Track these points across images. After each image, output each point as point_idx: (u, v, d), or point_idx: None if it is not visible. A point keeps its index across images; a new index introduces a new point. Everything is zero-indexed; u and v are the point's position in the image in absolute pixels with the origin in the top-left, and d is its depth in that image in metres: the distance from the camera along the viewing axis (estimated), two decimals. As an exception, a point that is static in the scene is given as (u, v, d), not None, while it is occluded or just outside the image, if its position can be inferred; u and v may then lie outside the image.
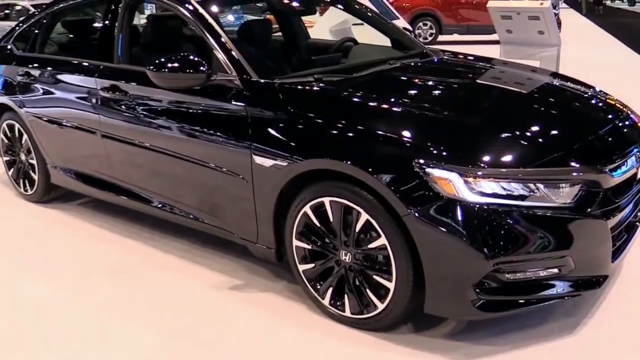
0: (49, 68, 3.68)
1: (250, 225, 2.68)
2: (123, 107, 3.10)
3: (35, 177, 3.96)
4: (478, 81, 3.05)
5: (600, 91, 3.04)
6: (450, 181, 2.07)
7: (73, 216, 3.89)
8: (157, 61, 2.63)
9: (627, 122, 2.66)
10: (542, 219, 2.11)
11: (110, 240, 3.48)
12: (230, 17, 6.28)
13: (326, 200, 2.35)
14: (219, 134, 2.66)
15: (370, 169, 2.17)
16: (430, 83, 2.98)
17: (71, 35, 4.34)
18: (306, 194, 2.41)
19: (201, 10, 2.90)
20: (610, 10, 28.38)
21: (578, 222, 2.15)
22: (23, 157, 4.02)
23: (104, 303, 2.77)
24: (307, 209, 2.42)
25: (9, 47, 4.09)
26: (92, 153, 3.44)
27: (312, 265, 2.50)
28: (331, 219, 2.37)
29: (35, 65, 3.78)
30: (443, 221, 2.07)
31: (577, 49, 11.57)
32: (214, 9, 2.98)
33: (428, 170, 2.09)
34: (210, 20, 2.86)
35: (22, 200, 4.17)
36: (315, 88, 2.62)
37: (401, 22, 8.75)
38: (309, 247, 2.48)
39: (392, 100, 2.52)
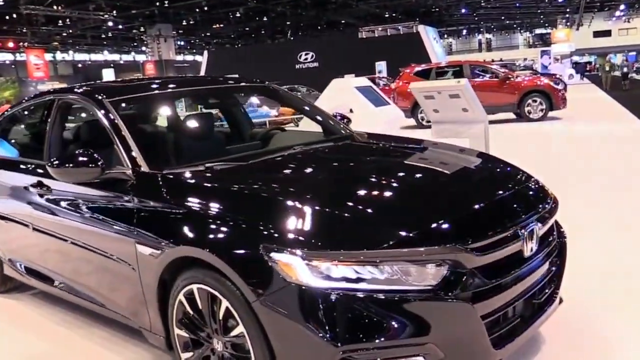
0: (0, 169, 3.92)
1: (143, 313, 2.72)
2: (45, 201, 3.28)
3: (-7, 269, 4.15)
4: (362, 162, 3.07)
5: (506, 165, 2.97)
6: (293, 266, 2.06)
7: (23, 305, 4.02)
8: (53, 158, 2.81)
9: (515, 196, 2.57)
10: (394, 303, 2.03)
11: (42, 329, 3.57)
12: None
13: (194, 287, 2.38)
14: (113, 223, 2.77)
15: (223, 255, 2.20)
16: (310, 168, 2.97)
17: (26, 137, 4.65)
18: (180, 281, 2.45)
19: (108, 107, 3.04)
20: (634, 82, 28.15)
21: (436, 305, 2.06)
22: (-17, 250, 4.23)
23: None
24: (181, 296, 2.45)
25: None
26: (27, 245, 3.61)
27: (192, 353, 2.49)
28: (200, 307, 2.39)
29: None
30: (288, 307, 2.05)
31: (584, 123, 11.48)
32: (122, 105, 3.14)
33: (272, 255, 2.09)
34: (114, 115, 2.99)
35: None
36: (189, 178, 2.66)
37: (392, 108, 8.98)
38: (187, 335, 2.49)
39: (257, 186, 2.56)
